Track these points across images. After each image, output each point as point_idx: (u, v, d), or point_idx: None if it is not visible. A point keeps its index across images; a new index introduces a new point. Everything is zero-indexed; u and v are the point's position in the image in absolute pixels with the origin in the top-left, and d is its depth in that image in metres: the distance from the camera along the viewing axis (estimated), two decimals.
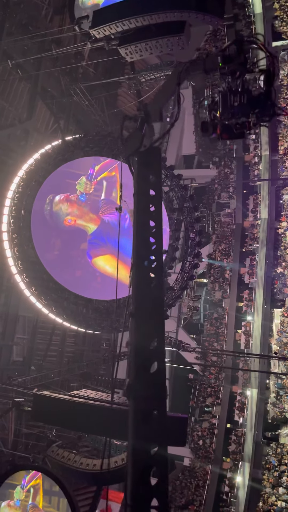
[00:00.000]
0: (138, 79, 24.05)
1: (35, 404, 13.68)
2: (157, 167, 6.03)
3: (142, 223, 5.75)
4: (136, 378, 5.06)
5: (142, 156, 5.95)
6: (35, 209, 18.98)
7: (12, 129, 22.16)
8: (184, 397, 30.64)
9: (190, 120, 34.28)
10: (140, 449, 4.79)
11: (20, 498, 16.78)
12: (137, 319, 5.32)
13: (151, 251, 5.67)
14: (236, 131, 6.12)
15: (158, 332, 5.33)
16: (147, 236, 5.69)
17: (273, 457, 24.87)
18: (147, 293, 5.43)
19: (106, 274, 19.97)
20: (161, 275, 5.65)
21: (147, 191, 5.85)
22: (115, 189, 20.44)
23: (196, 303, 32.18)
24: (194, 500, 26.87)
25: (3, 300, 21.75)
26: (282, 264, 28.38)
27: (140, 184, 5.87)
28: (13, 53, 20.94)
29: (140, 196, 5.86)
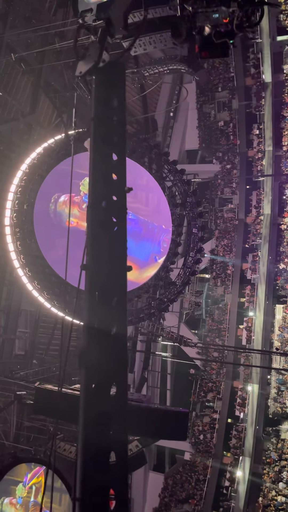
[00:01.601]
0: (141, 73, 23.91)
1: (37, 397, 13.72)
2: (121, 88, 5.02)
3: (101, 155, 4.71)
4: (90, 343, 4.14)
5: (102, 74, 4.93)
6: (39, 206, 18.95)
7: (15, 123, 22.10)
8: (185, 392, 30.74)
9: (194, 115, 34.13)
10: (93, 429, 3.88)
11: (22, 495, 16.90)
12: (93, 273, 4.31)
13: (111, 190, 4.65)
14: (217, 40, 4.89)
15: (118, 289, 4.38)
16: (107, 172, 4.67)
17: (274, 452, 24.97)
18: (105, 240, 4.44)
19: None
20: (124, 219, 4.59)
21: (108, 118, 4.88)
22: None
23: (198, 299, 32.20)
24: (195, 494, 27.02)
25: (5, 294, 21.81)
26: (285, 260, 28.34)
27: (99, 108, 4.88)
28: (16, 46, 20.83)
29: (99, 122, 4.85)
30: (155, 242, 20.40)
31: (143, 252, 20.20)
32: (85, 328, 4.16)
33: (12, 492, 16.99)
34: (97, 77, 4.95)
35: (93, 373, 4.04)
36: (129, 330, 29.27)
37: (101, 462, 3.85)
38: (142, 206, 20.62)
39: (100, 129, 4.83)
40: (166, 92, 34.75)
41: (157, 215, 20.42)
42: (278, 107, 29.68)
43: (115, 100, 4.96)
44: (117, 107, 4.95)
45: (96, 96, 4.95)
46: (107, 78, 4.95)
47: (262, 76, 30.11)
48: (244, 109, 31.62)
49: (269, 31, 29.12)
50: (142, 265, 20.21)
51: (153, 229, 20.29)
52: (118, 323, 4.30)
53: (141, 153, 20.33)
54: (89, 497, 3.73)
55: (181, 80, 34.28)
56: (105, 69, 4.92)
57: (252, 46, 30.65)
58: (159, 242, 20.40)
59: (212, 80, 32.50)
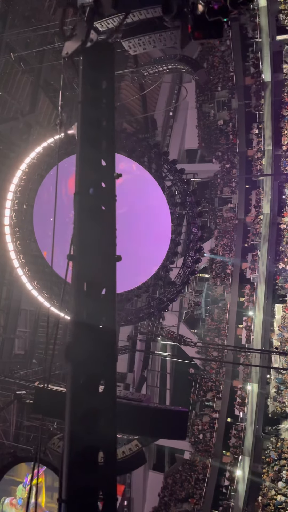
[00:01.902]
0: (141, 73, 23.93)
1: (37, 397, 13.74)
2: (110, 69, 4.73)
3: (89, 140, 4.42)
4: (77, 336, 3.95)
5: (90, 54, 4.65)
6: (38, 205, 18.94)
7: (15, 123, 22.10)
8: (185, 391, 30.76)
9: (193, 114, 34.14)
10: (80, 427, 3.67)
11: (22, 496, 16.91)
12: (80, 264, 4.10)
13: (100, 176, 4.36)
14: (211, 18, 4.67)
15: (107, 280, 4.15)
16: (95, 157, 4.38)
17: (273, 451, 25.00)
18: (93, 229, 4.19)
19: None
20: (113, 207, 4.33)
21: (96, 101, 4.57)
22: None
23: (198, 298, 32.24)
24: (194, 493, 27.05)
25: (5, 293, 21.82)
26: (284, 259, 28.36)
27: (87, 91, 4.55)
28: (15, 45, 20.84)
29: (87, 106, 4.52)
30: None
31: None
32: (72, 321, 3.97)
33: (12, 492, 17.00)
34: (85, 58, 4.66)
35: (81, 368, 3.84)
36: (129, 330, 29.29)
37: (89, 462, 3.62)
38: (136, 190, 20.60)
39: (88, 113, 4.52)
40: (165, 92, 34.76)
41: (152, 204, 20.35)
42: (278, 107, 29.69)
43: (103, 82, 4.64)
44: (106, 89, 4.65)
45: (83, 78, 4.61)
46: (95, 59, 4.66)
47: (262, 75, 30.11)
48: (243, 109, 31.62)
49: (268, 31, 29.12)
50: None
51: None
52: (107, 315, 4.09)
53: (140, 152, 20.31)
54: (76, 499, 3.51)
55: (181, 79, 34.28)
56: (93, 50, 4.66)
57: (252, 46, 30.66)
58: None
59: (212, 80, 32.50)
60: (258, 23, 29.61)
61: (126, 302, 20.28)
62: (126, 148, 20.37)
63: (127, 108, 31.36)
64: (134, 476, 29.13)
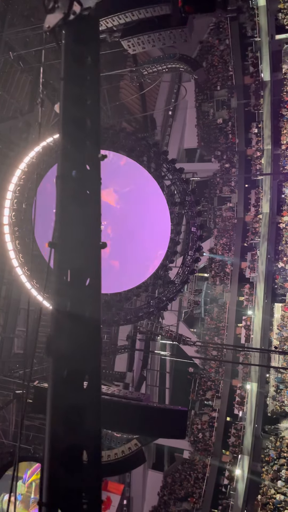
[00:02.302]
0: (140, 72, 23.88)
1: (36, 396, 13.74)
2: (95, 43, 4.46)
3: (73, 119, 4.16)
4: (59, 329, 3.68)
5: (73, 27, 4.34)
6: (37, 204, 18.90)
7: (14, 122, 22.09)
8: (184, 391, 30.79)
9: (192, 113, 34.14)
10: (62, 424, 3.43)
11: (22, 492, 16.91)
12: (62, 251, 3.89)
13: (84, 158, 4.09)
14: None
15: (91, 269, 3.93)
16: (79, 138, 4.13)
17: (272, 451, 25.02)
18: (77, 215, 3.95)
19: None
20: (98, 192, 4.11)
21: (80, 77, 4.28)
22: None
23: (197, 297, 32.24)
24: (194, 493, 27.08)
25: (4, 293, 21.81)
26: (283, 258, 28.38)
27: (70, 67, 4.27)
28: (15, 44, 20.82)
29: (70, 83, 4.24)
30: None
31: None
32: (53, 312, 3.70)
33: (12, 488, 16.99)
34: (68, 32, 4.33)
35: (63, 362, 3.60)
36: (128, 329, 29.29)
37: (72, 462, 3.37)
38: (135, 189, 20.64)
39: (71, 90, 4.20)
40: (164, 91, 34.76)
41: (151, 203, 20.40)
42: (277, 106, 29.69)
43: (88, 57, 4.33)
44: (91, 65, 4.34)
45: (66, 53, 4.30)
46: (79, 32, 4.32)
47: (261, 74, 30.11)
48: (242, 108, 31.61)
49: (267, 30, 29.12)
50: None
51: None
52: (91, 306, 3.82)
53: (140, 151, 20.30)
54: (57, 501, 3.26)
55: (180, 78, 34.27)
56: (77, 22, 4.32)
57: (251, 45, 30.65)
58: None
59: (211, 79, 32.47)
60: (257, 22, 29.60)
61: (125, 301, 20.28)
62: (125, 147, 20.35)
63: (126, 107, 31.36)
64: (133, 475, 29.14)
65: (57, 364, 3.58)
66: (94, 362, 3.73)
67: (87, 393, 3.63)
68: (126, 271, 20.21)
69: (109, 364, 29.53)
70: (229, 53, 31.59)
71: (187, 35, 18.24)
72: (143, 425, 12.41)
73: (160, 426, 12.35)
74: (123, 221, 19.97)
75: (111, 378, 27.25)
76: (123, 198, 20.31)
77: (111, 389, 14.36)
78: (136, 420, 12.38)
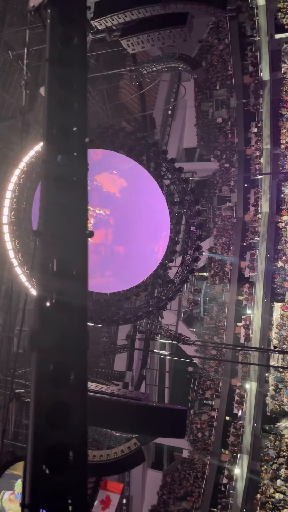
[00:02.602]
0: (139, 71, 23.87)
1: None
2: (81, 23, 4.22)
3: (58, 102, 3.96)
4: (43, 322, 3.50)
5: (58, 6, 4.20)
6: (36, 204, 18.94)
7: (13, 121, 22.07)
8: (184, 390, 30.80)
9: (192, 113, 34.13)
10: (46, 423, 3.24)
11: (20, 491, 16.94)
12: (47, 240, 3.69)
13: (71, 143, 3.89)
14: None
15: (77, 258, 3.74)
16: (65, 122, 3.94)
17: (272, 450, 25.06)
18: (63, 202, 3.77)
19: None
20: (85, 178, 3.89)
21: (66, 58, 4.07)
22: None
23: (196, 297, 32.24)
24: (193, 492, 27.11)
25: (3, 292, 21.80)
26: (283, 258, 28.39)
27: (55, 47, 4.05)
28: (14, 44, 20.81)
29: (55, 64, 4.03)
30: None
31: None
32: (37, 304, 3.50)
33: (12, 486, 17.04)
34: (52, 11, 4.17)
35: (47, 356, 3.40)
36: (128, 328, 29.31)
37: (56, 461, 3.19)
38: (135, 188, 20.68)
39: (57, 72, 3.99)
40: (164, 90, 34.76)
41: (151, 203, 20.45)
42: (276, 105, 29.68)
43: (74, 37, 4.14)
44: (77, 46, 4.14)
45: (51, 33, 4.11)
46: (65, 12, 4.15)
47: (260, 74, 30.11)
48: (242, 107, 31.60)
49: (267, 29, 29.12)
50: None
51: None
52: (78, 297, 3.62)
53: (139, 151, 20.31)
54: (41, 504, 3.07)
55: (179, 78, 34.26)
56: (63, 2, 4.19)
57: (250, 44, 30.64)
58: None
59: (210, 78, 32.46)
60: (256, 22, 29.61)
61: (125, 300, 20.29)
62: (124, 147, 20.35)
63: (125, 107, 31.35)
64: (133, 474, 29.17)
65: (41, 358, 3.40)
66: (81, 356, 3.52)
67: (73, 389, 3.43)
68: (125, 270, 20.23)
69: (109, 363, 29.56)
70: (229, 53, 31.58)
71: (187, 35, 18.26)
72: (142, 424, 12.43)
73: (159, 425, 12.37)
74: (123, 221, 20.00)
75: (111, 377, 27.27)
76: (123, 199, 20.34)
77: (110, 388, 14.38)
78: (135, 419, 12.40)
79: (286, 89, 29.33)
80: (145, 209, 20.42)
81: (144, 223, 20.23)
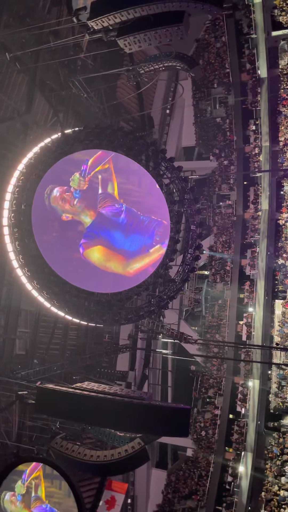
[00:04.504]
0: (137, 71, 23.85)
1: (39, 397, 13.76)
2: None
3: None
4: None
5: None
6: (36, 203, 18.94)
7: (11, 123, 22.03)
8: (187, 389, 30.80)
9: (190, 112, 34.10)
10: None
11: (21, 492, 16.98)
12: None
13: None
14: None
15: None
16: None
17: (276, 447, 25.05)
18: None
19: (96, 264, 20.04)
20: None
21: None
22: (110, 182, 20.40)
23: (198, 295, 32.23)
24: (198, 490, 27.11)
25: (4, 294, 21.77)
26: (283, 255, 28.37)
27: None
28: (11, 45, 20.76)
29: None
30: (147, 234, 20.42)
31: (133, 244, 20.28)
32: None
33: (13, 487, 17.06)
34: None
35: None
36: (130, 328, 29.31)
37: None
38: (134, 187, 20.73)
39: None
40: (162, 89, 34.73)
41: (150, 201, 20.49)
42: (274, 102, 29.66)
43: None
44: None
45: None
46: None
47: (258, 71, 30.08)
48: (240, 105, 31.58)
49: (264, 26, 29.08)
50: (130, 256, 20.27)
51: (143, 221, 20.36)
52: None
53: (138, 150, 20.29)
54: None
55: (177, 77, 34.23)
56: None
57: (247, 42, 30.59)
58: (152, 235, 20.41)
59: (208, 77, 32.44)
60: (253, 19, 29.56)
61: (126, 300, 20.28)
62: (123, 147, 20.34)
63: (123, 107, 31.30)
64: (137, 474, 29.19)
65: None
66: None
67: None
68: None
69: (111, 363, 29.56)
70: (226, 51, 31.54)
71: (183, 33, 18.23)
72: (146, 423, 12.42)
73: (163, 425, 12.36)
74: (117, 220, 20.16)
75: (113, 377, 27.29)
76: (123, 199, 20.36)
77: (113, 388, 14.37)
78: (139, 419, 12.39)
79: (284, 86, 29.31)
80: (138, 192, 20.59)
81: (136, 216, 20.35)
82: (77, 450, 15.10)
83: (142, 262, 20.16)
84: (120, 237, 20.18)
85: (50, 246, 19.42)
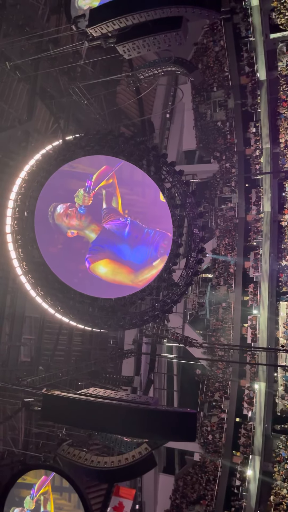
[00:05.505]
0: (136, 76, 23.96)
1: (45, 403, 13.75)
2: None
3: None
4: None
5: None
6: (38, 214, 18.99)
7: (13, 131, 22.17)
8: (192, 393, 30.70)
9: (190, 115, 34.21)
10: None
11: (30, 508, 16.98)
12: None
13: None
14: None
15: None
16: None
17: (283, 450, 24.92)
18: None
19: (103, 278, 20.08)
20: None
21: None
22: (115, 197, 20.53)
23: (202, 299, 32.19)
24: (206, 495, 26.95)
25: (9, 301, 21.82)
26: (286, 256, 28.33)
27: None
28: (11, 54, 20.93)
29: None
30: (152, 247, 20.51)
31: (139, 256, 20.36)
32: None
33: (21, 502, 17.04)
34: None
35: None
36: (134, 333, 29.27)
37: None
38: (139, 198, 20.82)
39: None
40: (161, 94, 34.85)
41: (154, 211, 20.57)
42: (274, 104, 29.74)
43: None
44: None
45: None
46: None
47: (257, 74, 30.19)
48: (240, 108, 31.66)
49: (261, 29, 29.21)
50: (138, 268, 20.32)
51: (149, 234, 20.45)
52: None
53: (139, 155, 20.34)
54: None
55: (176, 81, 34.37)
56: None
57: (246, 45, 30.73)
58: (157, 247, 20.52)
59: (207, 80, 32.57)
60: (251, 22, 29.70)
61: (130, 305, 20.27)
62: (124, 152, 20.40)
63: (124, 112, 31.44)
64: (144, 479, 29.05)
65: None
66: None
67: None
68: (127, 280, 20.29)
69: (116, 369, 29.50)
70: (224, 54, 31.68)
71: (182, 38, 18.30)
72: (152, 429, 12.40)
73: (169, 429, 12.33)
74: (122, 233, 20.26)
75: (119, 383, 27.21)
76: (124, 201, 20.43)
77: (119, 394, 14.35)
78: (145, 424, 12.37)
79: (283, 88, 29.39)
80: (142, 203, 20.67)
81: (142, 229, 20.43)
82: (84, 457, 15.06)
83: (149, 273, 20.22)
84: (126, 249, 20.26)
85: (54, 252, 19.49)
